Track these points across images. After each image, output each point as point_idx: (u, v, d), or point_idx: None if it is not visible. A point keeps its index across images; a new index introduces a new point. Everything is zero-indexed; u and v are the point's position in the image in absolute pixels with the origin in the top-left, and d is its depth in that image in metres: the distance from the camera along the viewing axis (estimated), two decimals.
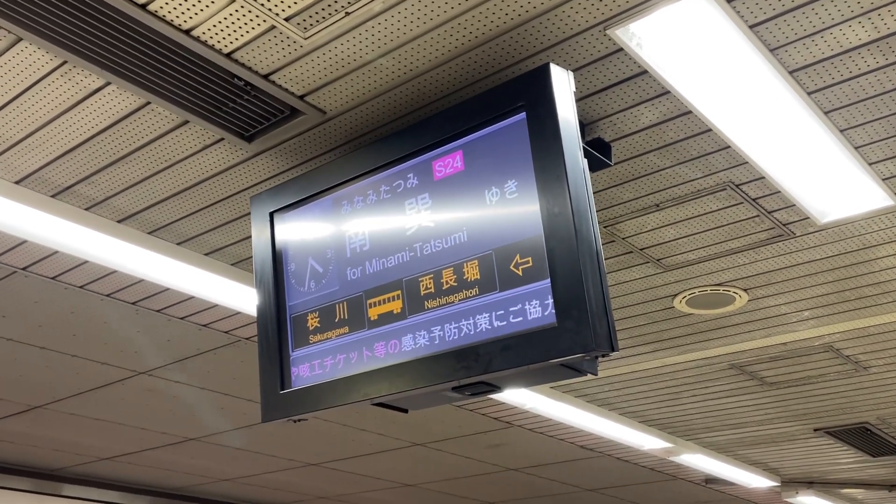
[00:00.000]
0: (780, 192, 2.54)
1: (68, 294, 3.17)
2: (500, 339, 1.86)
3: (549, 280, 1.80)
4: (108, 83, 2.09)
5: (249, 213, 2.67)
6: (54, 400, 4.37)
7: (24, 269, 2.97)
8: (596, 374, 1.97)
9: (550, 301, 1.79)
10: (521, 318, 1.84)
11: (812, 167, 2.43)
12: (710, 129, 2.26)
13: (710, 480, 6.40)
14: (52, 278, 3.04)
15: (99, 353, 3.74)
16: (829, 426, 5.07)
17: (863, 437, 5.24)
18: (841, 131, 2.26)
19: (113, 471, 5.93)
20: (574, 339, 1.74)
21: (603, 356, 1.77)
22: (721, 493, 6.90)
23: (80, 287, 3.11)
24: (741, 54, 1.95)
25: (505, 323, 1.87)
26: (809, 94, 2.11)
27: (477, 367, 1.89)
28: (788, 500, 6.67)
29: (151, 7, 1.83)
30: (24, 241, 2.77)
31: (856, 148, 2.34)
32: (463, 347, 1.92)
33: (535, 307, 1.82)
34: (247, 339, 3.64)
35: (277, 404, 2.26)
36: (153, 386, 4.18)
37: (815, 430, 5.15)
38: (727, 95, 2.10)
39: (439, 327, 1.98)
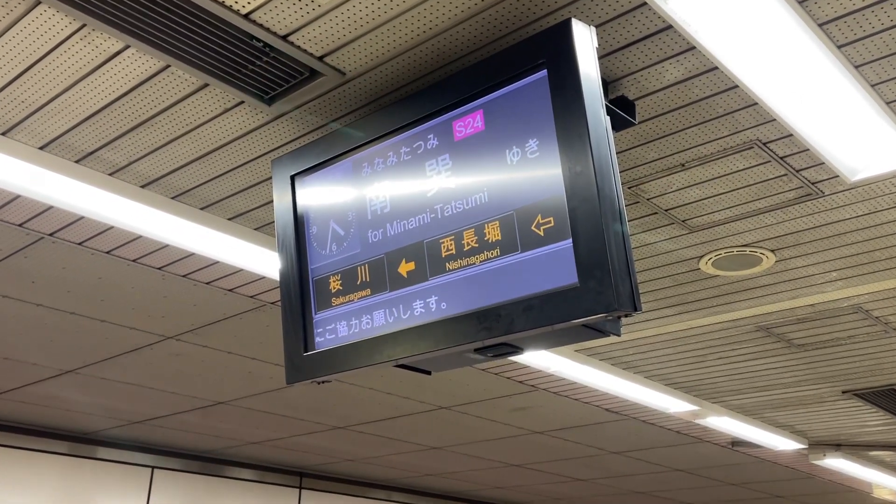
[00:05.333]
0: (808, 149, 2.49)
1: (95, 259, 3.20)
2: (522, 300, 1.85)
3: (570, 240, 1.78)
4: (128, 46, 2.08)
5: (271, 177, 2.67)
6: (85, 364, 4.44)
7: (50, 234, 3.00)
8: (619, 335, 1.96)
9: (573, 261, 1.78)
10: (542, 279, 1.83)
11: (842, 124, 2.37)
12: (736, 86, 2.21)
13: (737, 443, 6.38)
14: (79, 244, 3.07)
15: (127, 317, 3.79)
16: (858, 388, 5.02)
17: (892, 399, 5.19)
18: (872, 86, 2.20)
19: (144, 434, 6.04)
20: (596, 299, 1.72)
21: (626, 316, 1.75)
22: (748, 456, 6.89)
23: (107, 252, 3.15)
24: (768, 7, 1.89)
25: (527, 283, 1.86)
26: (839, 47, 2.05)
27: (499, 328, 1.88)
28: (816, 462, 6.64)
29: None
30: (50, 207, 2.79)
31: (887, 103, 2.28)
32: (485, 309, 1.91)
33: (557, 267, 1.81)
34: (272, 303, 3.66)
35: (301, 366, 2.28)
36: (181, 350, 4.23)
37: (844, 392, 5.10)
38: (754, 50, 2.05)
39: (461, 288, 1.97)
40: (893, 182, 2.66)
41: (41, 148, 2.53)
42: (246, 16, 1.96)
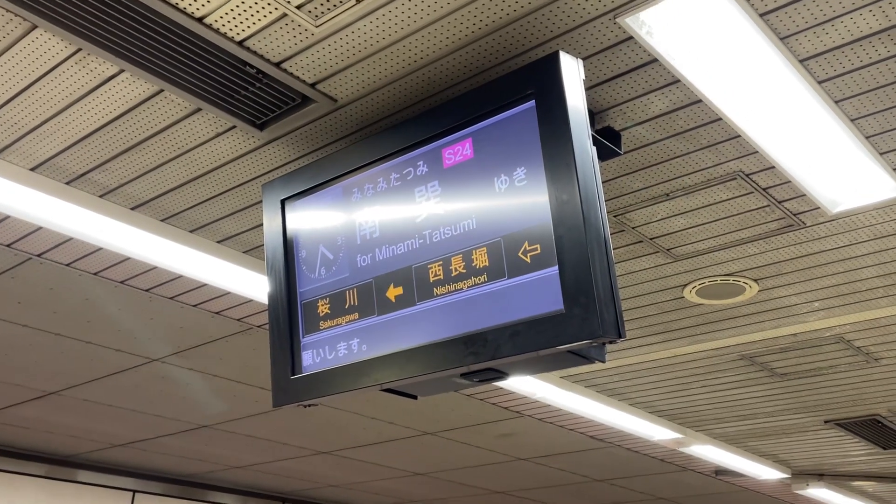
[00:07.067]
0: (790, 181, 2.54)
1: (82, 281, 3.20)
2: (509, 326, 1.88)
3: (557, 267, 1.81)
4: (122, 70, 2.11)
5: (261, 201, 2.69)
6: (69, 386, 4.42)
7: (38, 255, 3.00)
8: (604, 362, 1.99)
9: (558, 287, 1.80)
10: (529, 305, 1.86)
11: (823, 157, 2.43)
12: (720, 119, 2.26)
13: (720, 472, 6.40)
14: (67, 265, 3.08)
15: (113, 339, 3.78)
16: (840, 418, 5.06)
17: (873, 430, 5.23)
18: (851, 120, 2.26)
19: (126, 457, 5.99)
20: (581, 325, 1.75)
21: (610, 343, 1.78)
22: (731, 485, 6.90)
23: (94, 274, 3.15)
24: (751, 42, 1.95)
25: (513, 309, 1.88)
26: (820, 82, 2.11)
27: (485, 353, 1.90)
28: (798, 492, 6.66)
29: None
30: (39, 228, 2.80)
31: (866, 137, 2.33)
32: (471, 334, 1.94)
33: (543, 294, 1.84)
34: (259, 326, 3.67)
35: (288, 389, 2.28)
36: (166, 373, 4.22)
37: (826, 421, 5.14)
38: (737, 84, 2.10)
39: (448, 314, 1.99)
40: (873, 214, 2.72)
41: (32, 169, 2.54)
42: (240, 43, 2.00)
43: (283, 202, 2.38)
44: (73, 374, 4.23)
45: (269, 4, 1.87)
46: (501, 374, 2.05)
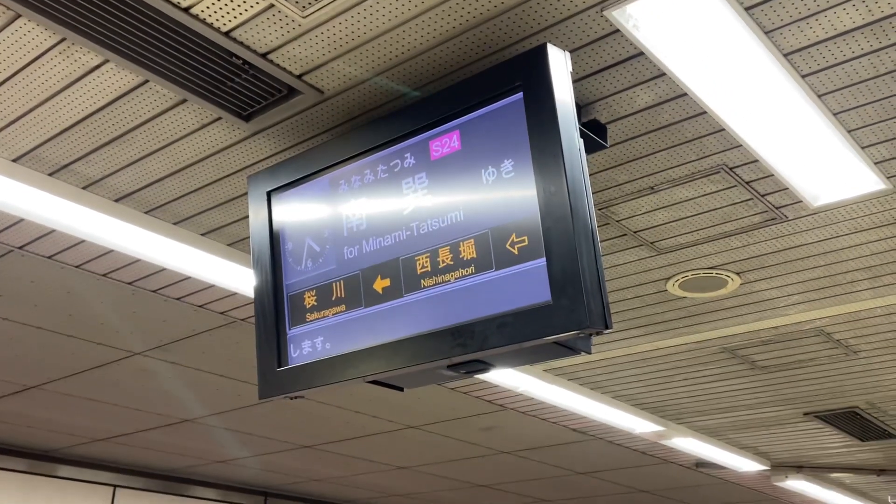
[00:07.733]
0: (773, 175, 2.56)
1: (65, 274, 3.17)
2: (496, 317, 1.88)
3: (544, 258, 1.82)
4: (107, 61, 2.09)
5: (247, 193, 2.68)
6: (49, 380, 4.38)
7: (20, 248, 2.97)
8: (590, 353, 2.00)
9: (546, 279, 1.81)
10: (516, 296, 1.86)
11: (805, 150, 2.45)
12: (704, 112, 2.27)
13: (701, 464, 6.45)
14: (49, 258, 3.05)
15: (95, 333, 3.76)
16: (819, 410, 5.12)
17: (852, 422, 5.29)
18: (834, 114, 2.28)
19: (107, 452, 5.95)
20: (569, 316, 1.76)
21: (597, 334, 1.79)
22: (712, 477, 6.96)
23: (77, 267, 3.12)
24: (736, 37, 1.96)
25: (501, 301, 1.89)
26: (803, 76, 2.13)
27: (472, 344, 1.91)
28: (778, 484, 6.74)
29: None
30: (21, 220, 2.77)
31: (849, 131, 2.36)
32: (458, 325, 1.94)
33: (530, 285, 1.84)
34: (242, 320, 3.65)
35: (275, 382, 2.28)
36: (149, 367, 4.20)
37: (805, 414, 5.20)
38: (722, 78, 2.12)
39: (435, 305, 2.00)
40: (854, 208, 2.75)
41: (14, 160, 2.52)
42: (226, 33, 1.98)
43: (269, 194, 2.37)
44: (54, 367, 4.19)
45: None
46: (488, 366, 2.06)
